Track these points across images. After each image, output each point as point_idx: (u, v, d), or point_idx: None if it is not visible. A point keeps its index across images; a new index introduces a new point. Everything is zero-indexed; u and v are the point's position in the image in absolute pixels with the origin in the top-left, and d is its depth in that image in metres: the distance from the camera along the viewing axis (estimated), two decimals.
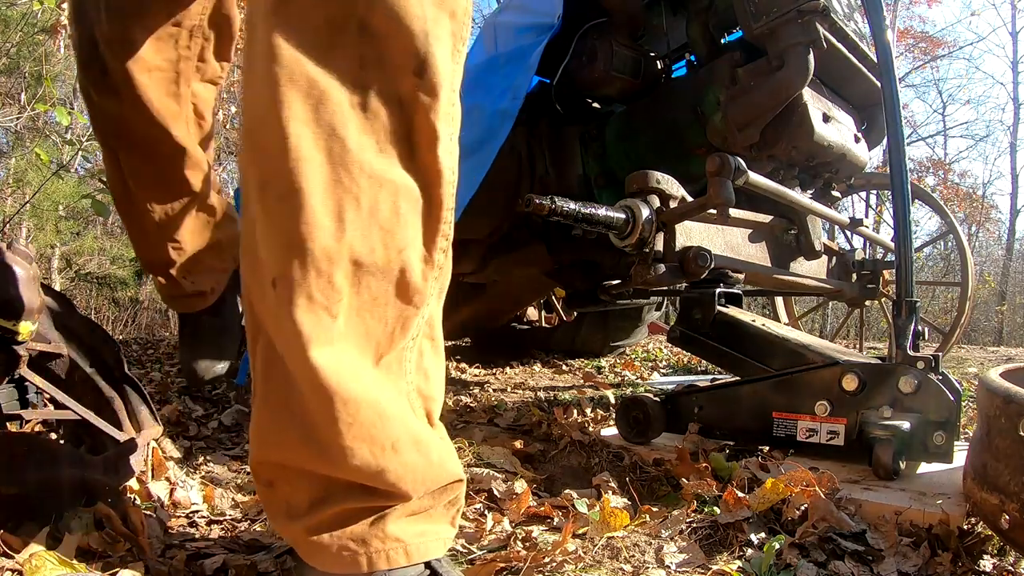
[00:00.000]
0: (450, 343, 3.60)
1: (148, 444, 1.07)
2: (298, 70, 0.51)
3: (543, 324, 3.45)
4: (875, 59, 1.38)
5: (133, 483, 0.99)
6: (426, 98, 0.58)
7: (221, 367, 1.53)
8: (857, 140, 1.74)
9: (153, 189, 1.34)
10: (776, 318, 3.10)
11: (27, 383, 1.04)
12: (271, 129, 0.51)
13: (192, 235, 1.42)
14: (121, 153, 1.30)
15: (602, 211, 1.25)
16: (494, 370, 2.69)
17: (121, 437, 1.03)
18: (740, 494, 0.98)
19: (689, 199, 1.36)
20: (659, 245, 1.33)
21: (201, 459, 1.28)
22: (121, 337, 3.88)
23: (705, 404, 1.34)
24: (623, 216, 1.28)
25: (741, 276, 1.50)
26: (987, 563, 0.91)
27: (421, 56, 0.57)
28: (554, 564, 0.83)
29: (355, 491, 0.64)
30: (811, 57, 1.44)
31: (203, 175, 1.38)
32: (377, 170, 0.57)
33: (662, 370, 2.89)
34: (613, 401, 1.84)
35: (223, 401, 1.70)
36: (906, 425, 1.10)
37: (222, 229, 1.49)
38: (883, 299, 2.62)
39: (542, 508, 1.02)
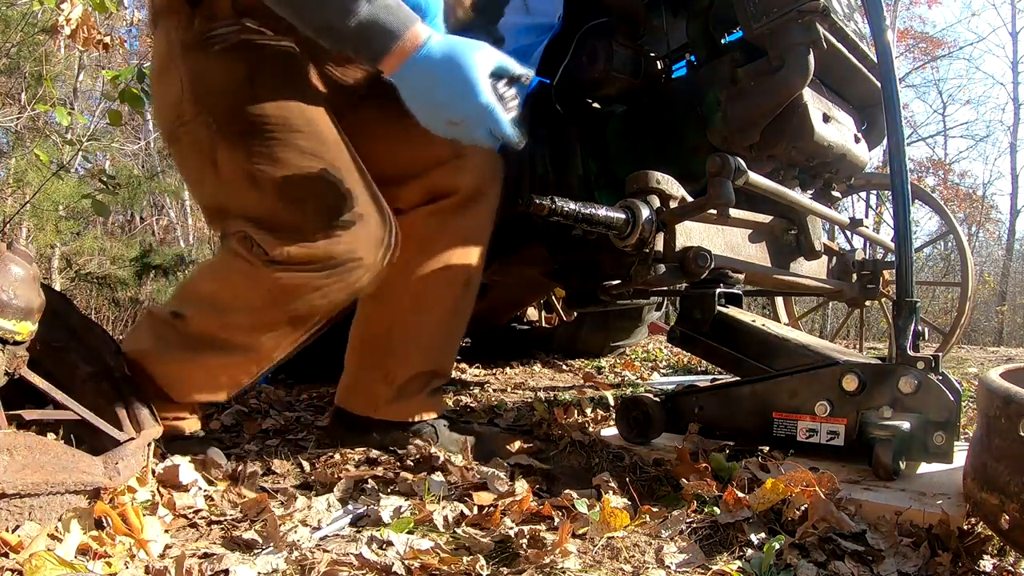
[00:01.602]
0: None
1: (148, 444, 1.07)
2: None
3: (543, 324, 3.45)
4: (875, 59, 1.38)
5: (133, 483, 0.99)
6: None
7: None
8: (857, 140, 1.73)
9: None
10: (776, 318, 3.10)
11: (27, 383, 1.04)
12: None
13: None
14: None
15: (602, 211, 1.25)
16: (494, 370, 2.70)
17: (121, 437, 1.03)
18: (740, 494, 0.98)
19: (689, 199, 1.36)
20: (659, 245, 1.33)
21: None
22: (121, 337, 3.87)
23: (705, 404, 1.34)
24: (623, 216, 1.28)
25: (741, 276, 1.50)
26: (987, 563, 0.90)
27: None
28: (554, 564, 0.83)
29: (435, 377, 1.43)
30: (811, 57, 1.44)
31: None
32: None
33: (662, 370, 2.89)
34: (613, 401, 1.84)
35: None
36: (906, 425, 1.09)
37: None
38: (883, 299, 2.62)
39: (542, 508, 1.02)
